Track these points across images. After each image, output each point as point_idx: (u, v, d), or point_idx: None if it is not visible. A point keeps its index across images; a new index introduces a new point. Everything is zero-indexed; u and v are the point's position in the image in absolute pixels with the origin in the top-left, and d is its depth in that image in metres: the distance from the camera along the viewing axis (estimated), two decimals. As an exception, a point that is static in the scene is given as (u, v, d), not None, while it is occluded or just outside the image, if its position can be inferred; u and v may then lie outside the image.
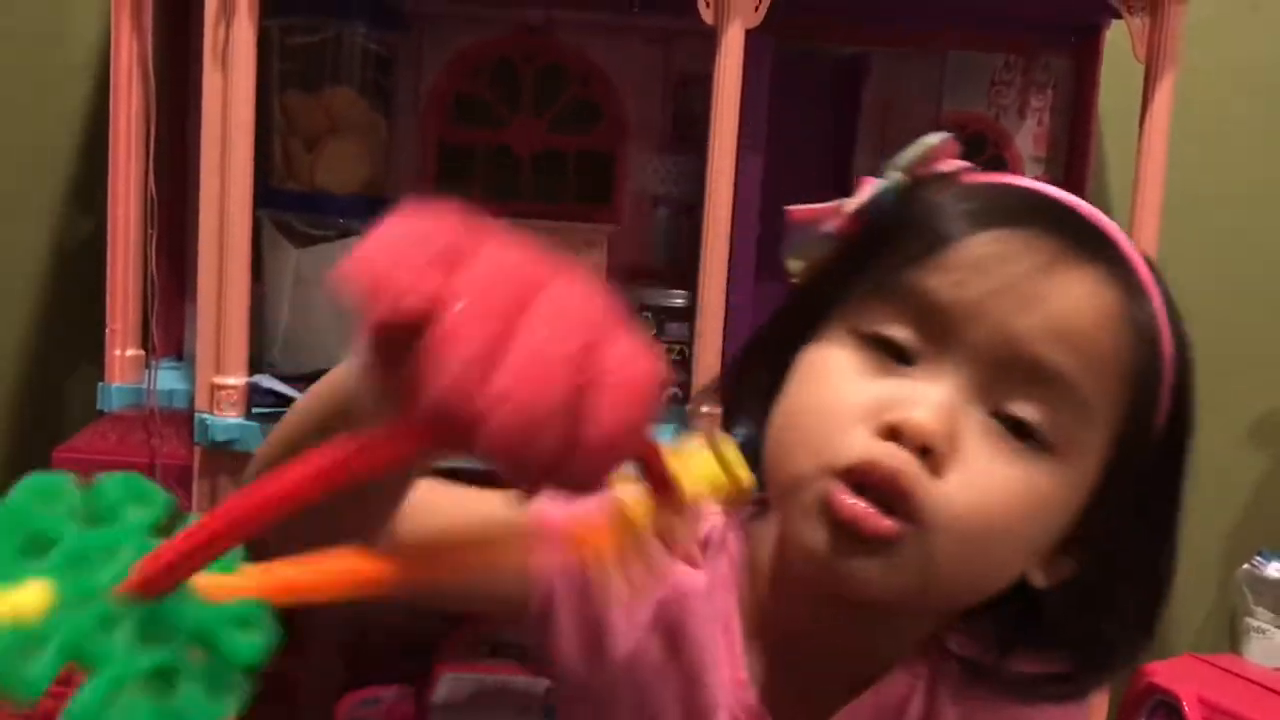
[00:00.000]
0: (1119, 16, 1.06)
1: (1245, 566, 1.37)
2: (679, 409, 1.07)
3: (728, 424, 0.60)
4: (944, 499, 0.48)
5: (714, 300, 1.04)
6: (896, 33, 1.27)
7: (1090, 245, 0.52)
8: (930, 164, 0.56)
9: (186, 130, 1.26)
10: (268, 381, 0.99)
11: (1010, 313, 0.49)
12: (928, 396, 0.49)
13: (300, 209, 1.18)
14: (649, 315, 1.14)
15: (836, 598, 0.52)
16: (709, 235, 1.04)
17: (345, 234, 1.18)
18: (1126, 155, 1.10)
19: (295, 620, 0.40)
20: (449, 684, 1.19)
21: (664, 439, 0.39)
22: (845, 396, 0.50)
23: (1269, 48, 1.42)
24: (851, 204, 0.56)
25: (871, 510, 0.48)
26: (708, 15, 1.00)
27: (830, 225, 0.56)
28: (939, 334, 0.50)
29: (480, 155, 1.31)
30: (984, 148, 1.35)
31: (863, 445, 0.49)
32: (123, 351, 1.19)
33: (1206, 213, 1.43)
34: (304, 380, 1.06)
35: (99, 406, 1.19)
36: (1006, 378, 0.50)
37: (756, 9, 1.00)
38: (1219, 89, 1.41)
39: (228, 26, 0.98)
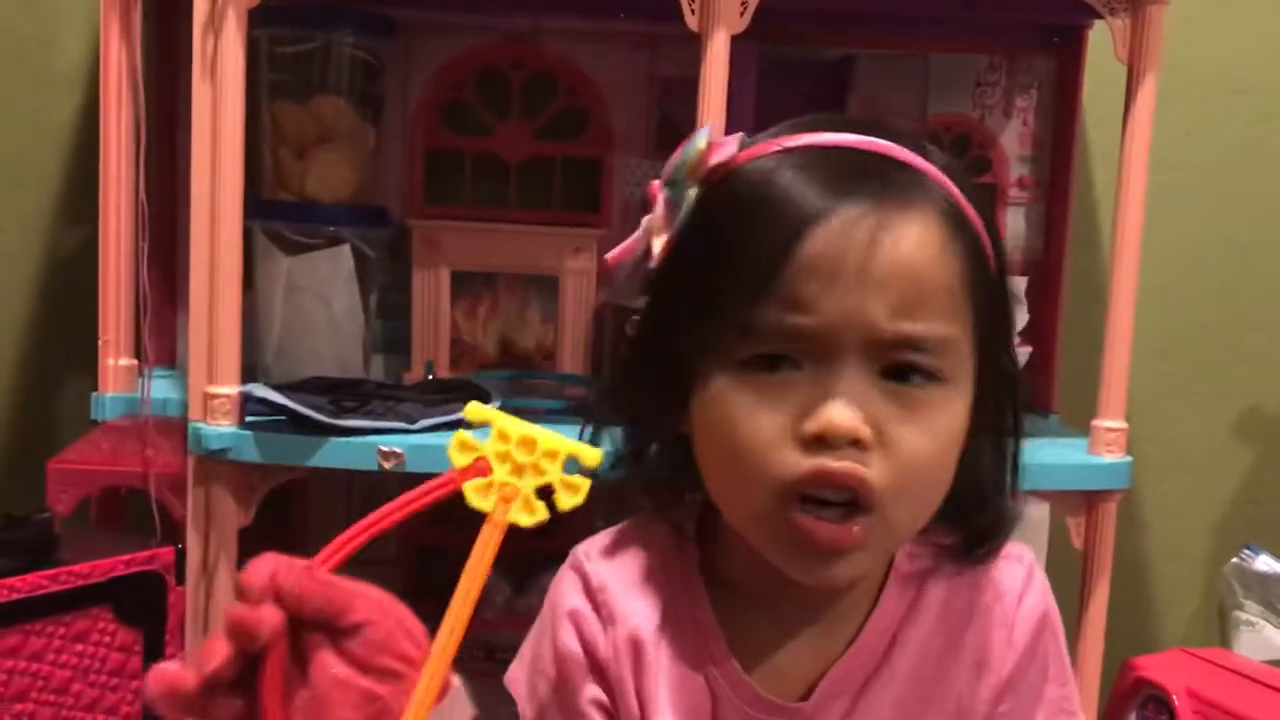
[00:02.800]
0: (1100, 17, 1.07)
1: (1234, 560, 1.38)
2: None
3: (595, 438, 0.62)
4: (888, 476, 0.53)
5: (702, 304, 1.05)
6: (881, 36, 1.28)
7: (899, 190, 0.54)
8: (707, 163, 0.57)
9: (176, 141, 1.26)
10: (260, 390, 1.00)
11: (859, 314, 0.52)
12: (833, 394, 0.52)
13: (291, 218, 1.18)
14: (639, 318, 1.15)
15: None
16: (697, 239, 1.04)
17: (335, 242, 1.18)
18: (1111, 153, 1.11)
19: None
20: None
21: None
22: (760, 429, 0.53)
23: (1250, 46, 1.44)
24: (655, 233, 0.58)
25: (840, 526, 0.53)
26: (693, 22, 1.00)
27: (646, 260, 0.58)
28: (809, 348, 0.53)
29: (469, 162, 1.32)
30: (969, 148, 1.36)
31: (804, 461, 0.52)
32: (116, 361, 1.19)
33: (1191, 210, 1.44)
34: (297, 388, 1.06)
35: (93, 416, 1.20)
36: (880, 349, 0.53)
37: (741, 14, 1.00)
38: (1201, 87, 1.42)
39: (216, 37, 0.98)
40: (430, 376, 1.21)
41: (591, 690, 0.60)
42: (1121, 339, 1.08)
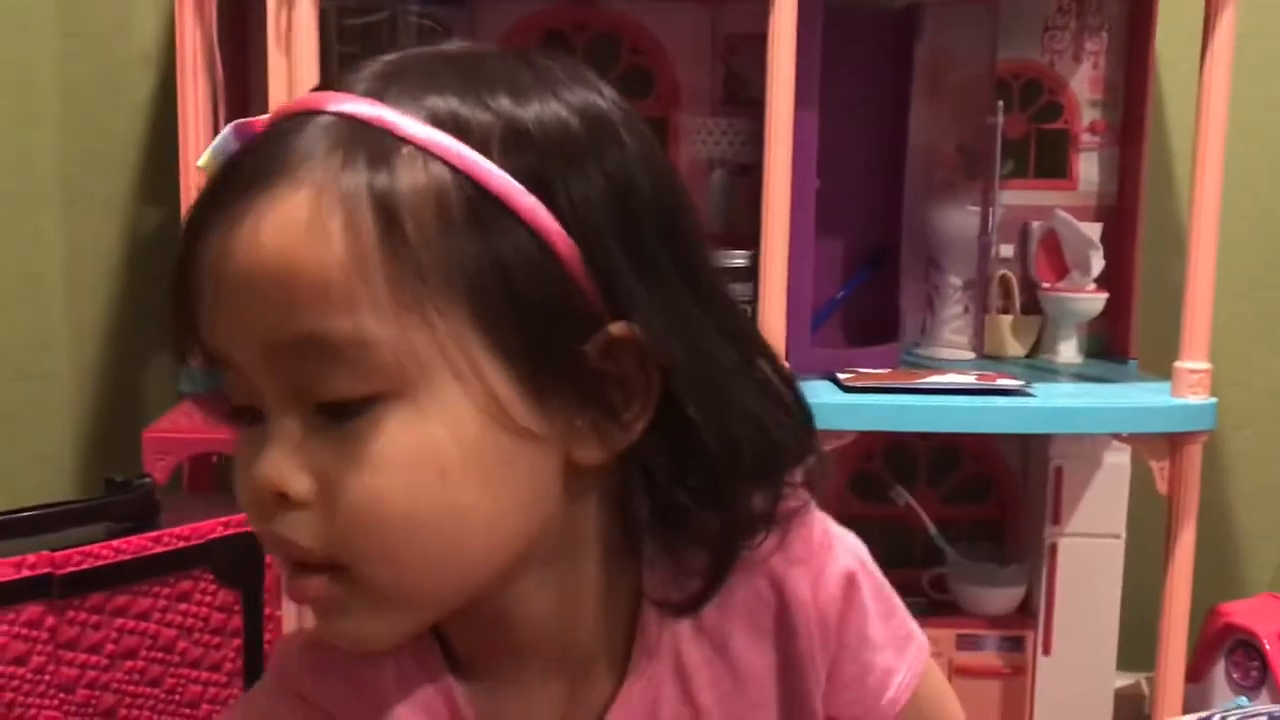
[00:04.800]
0: (1174, -46, 1.05)
1: (1320, 505, 1.36)
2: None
3: None
4: (328, 533, 0.44)
5: (777, 259, 1.05)
6: (947, -17, 1.27)
7: (273, 168, 0.43)
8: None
9: (251, 116, 1.28)
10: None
11: (236, 340, 0.43)
12: (263, 448, 0.44)
13: (364, 188, 1.20)
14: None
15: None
16: (769, 195, 1.04)
17: (410, 210, 1.20)
18: (1184, 95, 1.09)
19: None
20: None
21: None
22: (241, 490, 0.45)
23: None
24: None
25: (300, 582, 0.45)
26: (759, -26, 1.00)
27: None
28: (246, 392, 0.45)
29: (536, 127, 1.33)
30: (1039, 94, 1.34)
31: (259, 528, 0.45)
32: (201, 334, 1.22)
33: (1269, 150, 1.41)
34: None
35: (179, 389, 1.23)
36: (291, 375, 0.43)
37: (808, -35, 1.00)
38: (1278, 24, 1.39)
39: (289, 10, 1.00)
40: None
41: None
42: (1204, 278, 1.07)
